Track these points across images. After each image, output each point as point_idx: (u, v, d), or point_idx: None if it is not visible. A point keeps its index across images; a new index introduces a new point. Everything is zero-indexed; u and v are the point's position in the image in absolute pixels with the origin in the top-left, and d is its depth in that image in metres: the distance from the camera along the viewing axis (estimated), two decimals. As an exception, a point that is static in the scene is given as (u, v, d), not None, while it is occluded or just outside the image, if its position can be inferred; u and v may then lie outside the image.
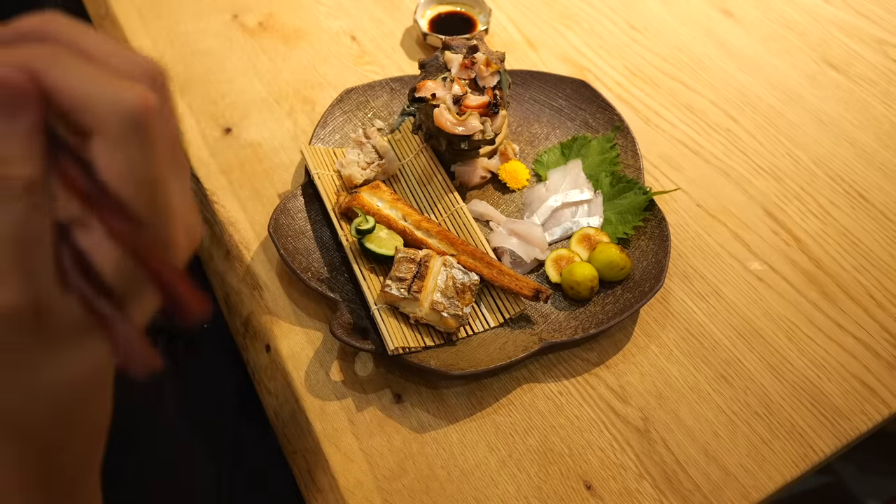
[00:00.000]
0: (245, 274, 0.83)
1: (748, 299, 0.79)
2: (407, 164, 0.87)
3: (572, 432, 0.70)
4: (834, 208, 0.88)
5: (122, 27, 1.06)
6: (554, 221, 0.84)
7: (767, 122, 0.97)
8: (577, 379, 0.74)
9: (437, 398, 0.72)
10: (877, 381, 0.74)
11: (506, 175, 0.88)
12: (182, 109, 0.97)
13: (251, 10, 1.10)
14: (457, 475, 0.68)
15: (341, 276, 0.79)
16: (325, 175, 0.85)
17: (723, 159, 0.93)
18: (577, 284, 0.76)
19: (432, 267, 0.74)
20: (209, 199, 0.88)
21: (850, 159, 0.93)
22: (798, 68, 1.04)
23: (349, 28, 1.09)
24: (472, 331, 0.75)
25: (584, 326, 0.74)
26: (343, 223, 0.81)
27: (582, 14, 1.12)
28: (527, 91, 0.95)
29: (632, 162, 0.88)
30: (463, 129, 0.79)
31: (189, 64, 1.02)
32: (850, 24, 1.10)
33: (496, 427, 0.71)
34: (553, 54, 1.06)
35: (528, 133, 0.93)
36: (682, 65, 1.05)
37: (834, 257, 0.83)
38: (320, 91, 1.00)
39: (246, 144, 0.93)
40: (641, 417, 0.71)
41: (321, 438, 0.70)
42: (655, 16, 1.12)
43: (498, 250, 0.80)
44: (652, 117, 0.97)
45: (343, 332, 0.71)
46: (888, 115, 0.98)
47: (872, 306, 0.79)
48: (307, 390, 0.73)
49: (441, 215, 0.83)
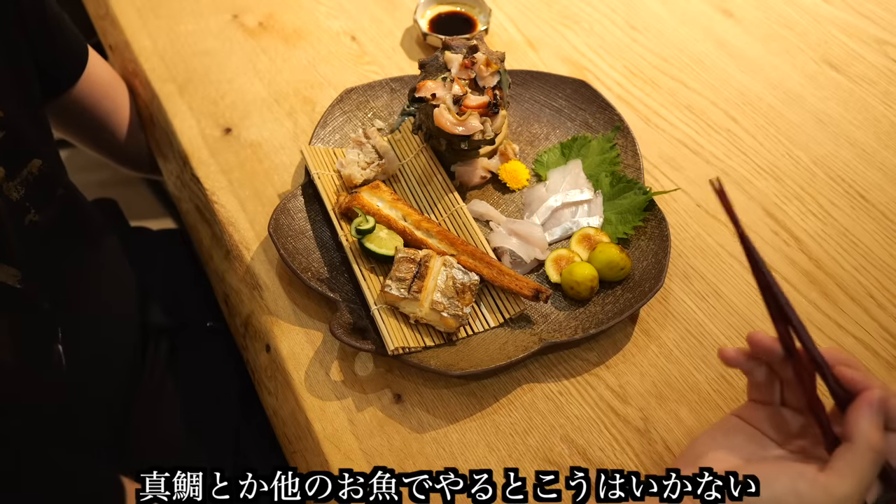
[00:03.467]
0: (245, 274, 0.83)
1: (748, 299, 0.79)
2: (407, 164, 0.87)
3: (572, 432, 0.70)
4: (834, 208, 0.88)
5: (122, 27, 1.06)
6: (554, 221, 0.84)
7: (767, 122, 0.97)
8: (577, 379, 0.74)
9: (437, 398, 0.72)
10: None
11: (506, 175, 0.88)
12: (182, 109, 0.97)
13: (251, 10, 1.10)
14: (457, 475, 0.68)
15: (341, 276, 0.79)
16: (325, 175, 0.85)
17: (723, 159, 0.93)
18: (577, 284, 0.76)
19: (432, 267, 0.74)
20: (209, 199, 0.88)
21: (850, 159, 0.93)
22: (798, 68, 1.04)
23: (349, 28, 1.09)
24: (472, 331, 0.75)
25: (584, 326, 0.74)
26: (343, 223, 0.81)
27: (582, 14, 1.12)
28: (527, 91, 0.95)
29: (632, 162, 0.88)
30: (463, 129, 0.79)
31: (189, 64, 1.02)
32: (850, 24, 1.10)
33: (496, 427, 0.71)
34: (553, 54, 1.06)
35: (528, 133, 0.93)
36: (682, 65, 1.05)
37: (834, 257, 0.83)
38: (320, 91, 1.00)
39: (246, 144, 0.93)
40: (641, 417, 0.71)
41: (321, 438, 0.70)
42: (655, 16, 1.12)
43: (498, 250, 0.80)
44: (652, 117, 0.97)
45: (343, 332, 0.71)
46: (888, 115, 0.98)
47: (872, 306, 0.79)
48: (307, 390, 0.73)
49: (441, 215, 0.83)
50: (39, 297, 0.70)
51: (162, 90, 0.99)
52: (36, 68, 0.78)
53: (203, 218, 0.90)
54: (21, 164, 0.68)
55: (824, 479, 0.52)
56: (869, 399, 0.53)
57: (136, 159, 1.07)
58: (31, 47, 0.77)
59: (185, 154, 0.93)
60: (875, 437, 0.52)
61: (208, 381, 0.92)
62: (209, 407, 0.90)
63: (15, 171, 0.68)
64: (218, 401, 0.90)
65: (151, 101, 1.00)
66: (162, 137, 0.99)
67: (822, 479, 0.52)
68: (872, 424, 0.53)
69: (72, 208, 0.79)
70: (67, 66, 0.90)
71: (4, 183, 0.66)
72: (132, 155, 1.07)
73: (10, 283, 0.65)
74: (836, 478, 0.52)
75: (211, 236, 0.89)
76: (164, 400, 0.89)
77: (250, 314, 0.81)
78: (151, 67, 1.01)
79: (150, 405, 0.87)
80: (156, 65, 1.02)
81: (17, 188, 0.68)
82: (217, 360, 0.93)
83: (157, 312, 0.95)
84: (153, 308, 0.95)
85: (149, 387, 0.88)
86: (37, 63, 0.78)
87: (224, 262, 0.86)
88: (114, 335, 0.85)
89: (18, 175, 0.68)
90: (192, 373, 0.92)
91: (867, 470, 0.52)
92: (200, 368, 0.93)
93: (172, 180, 0.99)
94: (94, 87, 0.95)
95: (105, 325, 0.83)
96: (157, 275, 0.99)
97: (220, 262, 0.87)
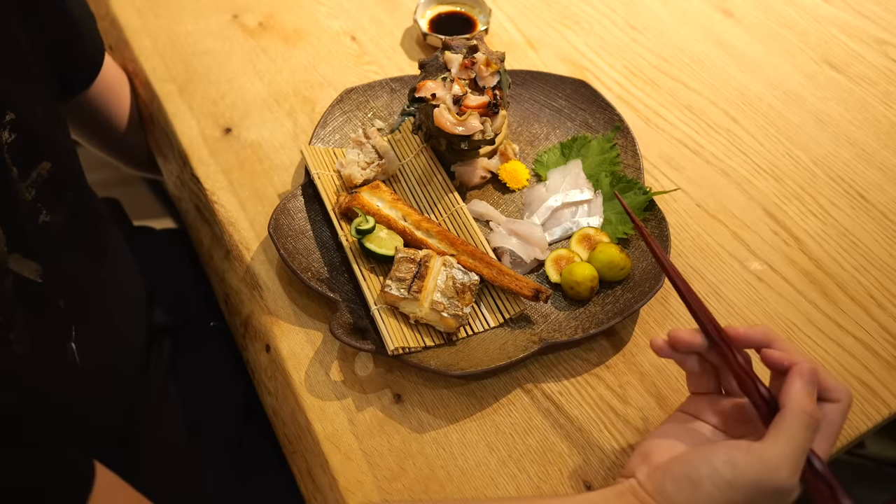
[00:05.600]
0: (245, 274, 0.83)
1: (748, 299, 0.79)
2: (407, 164, 0.87)
3: (572, 432, 0.70)
4: (834, 208, 0.88)
5: (122, 27, 1.06)
6: (554, 221, 0.84)
7: (767, 122, 0.97)
8: (577, 379, 0.74)
9: (437, 398, 0.72)
10: (877, 381, 0.74)
11: (506, 175, 0.88)
12: (182, 109, 0.97)
13: (251, 10, 1.10)
14: (457, 475, 0.68)
15: (341, 276, 0.79)
16: (325, 175, 0.85)
17: (723, 159, 0.93)
18: (577, 284, 0.76)
19: (432, 267, 0.74)
20: (209, 199, 0.88)
21: (850, 159, 0.93)
22: (798, 68, 1.04)
23: (349, 28, 1.09)
24: (472, 331, 0.75)
25: (584, 326, 0.74)
26: (343, 223, 0.81)
27: (582, 14, 1.12)
28: (527, 91, 0.95)
29: (632, 162, 0.88)
30: (463, 129, 0.79)
31: (189, 64, 1.02)
32: (850, 24, 1.10)
33: (496, 427, 0.71)
34: (553, 54, 1.06)
35: (528, 133, 0.93)
36: (682, 65, 1.05)
37: (834, 257, 0.83)
38: (320, 91, 1.00)
39: (246, 144, 0.93)
40: (641, 417, 0.71)
41: (321, 438, 0.70)
42: (655, 16, 1.12)
43: (498, 250, 0.80)
44: (652, 117, 0.97)
45: (343, 332, 0.72)
46: (888, 115, 0.98)
47: (872, 306, 0.79)
48: (307, 390, 0.73)
49: (441, 215, 0.83)
50: (56, 296, 0.70)
51: (162, 90, 0.99)
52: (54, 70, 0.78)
53: (203, 218, 0.90)
54: (31, 167, 0.69)
55: (758, 446, 0.54)
56: (800, 369, 0.56)
57: (140, 158, 1.08)
58: (51, 50, 0.77)
59: (185, 154, 0.93)
60: (805, 401, 0.54)
61: (211, 381, 0.92)
62: (212, 406, 0.90)
63: (26, 172, 0.68)
64: (220, 400, 0.90)
65: (151, 101, 1.00)
66: (162, 137, 0.99)
67: (756, 447, 0.54)
68: (804, 390, 0.55)
69: (82, 209, 0.79)
70: (85, 68, 0.90)
71: (18, 183, 0.67)
72: (139, 153, 1.07)
73: (32, 277, 0.66)
74: (768, 442, 0.53)
75: (211, 236, 0.89)
76: (167, 399, 0.89)
77: (250, 314, 0.81)
78: (151, 67, 1.01)
79: (154, 404, 0.87)
80: (156, 65, 1.02)
81: (29, 189, 0.68)
82: (219, 359, 0.93)
83: (160, 312, 0.95)
84: (157, 307, 0.95)
85: (153, 386, 0.88)
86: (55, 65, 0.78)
87: (224, 262, 0.86)
88: (122, 335, 0.85)
89: (29, 177, 0.68)
90: (194, 372, 0.92)
91: (799, 433, 0.53)
92: (203, 368, 0.93)
93: (172, 180, 0.99)
94: (107, 88, 0.95)
95: (114, 324, 0.83)
96: (161, 274, 0.99)
97: (220, 262, 0.87)
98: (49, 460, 0.54)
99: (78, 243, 0.78)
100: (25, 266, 0.65)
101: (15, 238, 0.64)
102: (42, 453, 0.54)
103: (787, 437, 0.53)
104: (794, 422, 0.53)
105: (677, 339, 0.60)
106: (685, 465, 0.55)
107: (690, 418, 0.62)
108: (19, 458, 0.53)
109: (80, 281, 0.77)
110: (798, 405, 0.54)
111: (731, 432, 0.60)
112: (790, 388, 0.55)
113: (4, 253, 0.63)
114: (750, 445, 0.54)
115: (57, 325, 0.71)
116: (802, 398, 0.54)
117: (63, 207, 0.73)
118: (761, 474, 0.52)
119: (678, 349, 0.60)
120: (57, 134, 0.77)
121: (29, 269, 0.66)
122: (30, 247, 0.66)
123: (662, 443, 0.60)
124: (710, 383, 0.63)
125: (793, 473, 0.53)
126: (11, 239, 0.63)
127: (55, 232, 0.72)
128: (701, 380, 0.63)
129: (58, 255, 0.72)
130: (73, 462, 0.56)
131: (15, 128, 0.66)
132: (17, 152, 0.66)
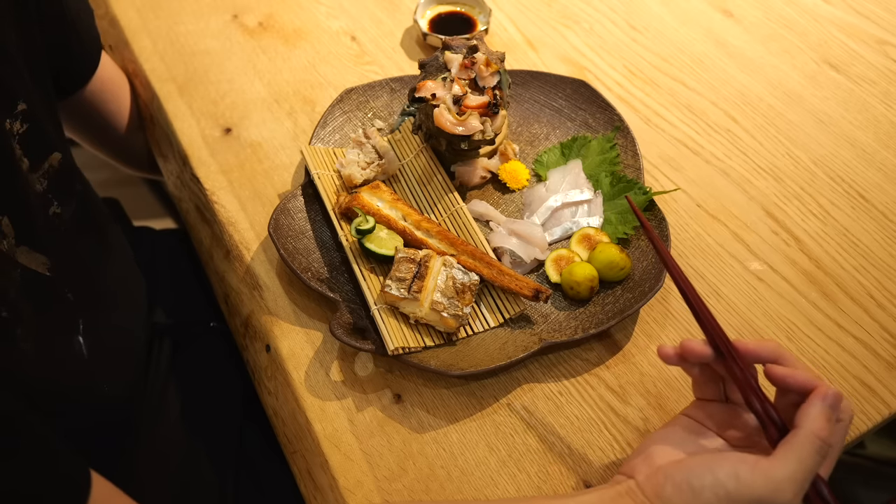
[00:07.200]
0: (245, 274, 0.83)
1: (748, 299, 0.79)
2: (407, 164, 0.87)
3: (572, 432, 0.70)
4: (834, 208, 0.88)
5: (122, 27, 1.06)
6: (554, 221, 0.84)
7: (767, 122, 0.97)
8: (577, 379, 0.74)
9: (437, 398, 0.72)
10: (877, 381, 0.74)
11: (506, 175, 0.88)
12: (182, 109, 0.97)
13: (251, 10, 1.10)
14: (457, 475, 0.68)
15: (341, 276, 0.79)
16: (325, 175, 0.85)
17: (723, 159, 0.93)
18: (577, 284, 0.76)
19: (432, 267, 0.74)
20: (209, 199, 0.88)
21: (850, 159, 0.93)
22: (798, 68, 1.04)
23: (349, 28, 1.09)
24: (472, 331, 0.75)
25: (584, 326, 0.74)
26: (343, 223, 0.81)
27: (582, 14, 1.12)
28: (527, 91, 0.95)
29: (632, 162, 0.88)
30: (463, 129, 0.79)
31: (189, 64, 1.02)
32: (850, 24, 1.10)
33: (496, 427, 0.71)
34: (553, 54, 1.06)
35: (528, 133, 0.93)
36: (682, 65, 1.05)
37: (834, 257, 0.83)
38: (320, 91, 1.00)
39: (246, 144, 0.93)
40: (641, 417, 0.71)
41: (321, 438, 0.70)
42: (655, 16, 1.12)
43: (498, 250, 0.80)
44: (652, 117, 0.97)
45: (343, 332, 0.71)
46: (888, 115, 0.98)
47: (872, 306, 0.79)
48: (307, 390, 0.73)
49: (441, 215, 0.83)
50: (64, 288, 0.70)
51: (162, 90, 0.99)
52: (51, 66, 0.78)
53: (203, 218, 0.90)
54: (42, 157, 0.69)
55: (765, 463, 0.53)
56: (824, 393, 0.55)
57: (139, 158, 1.07)
58: (49, 45, 0.77)
59: (185, 154, 0.93)
60: (821, 425, 0.53)
61: (211, 381, 0.92)
62: (212, 406, 0.90)
63: (37, 163, 0.68)
64: (220, 400, 0.90)
65: (151, 101, 1.00)
66: (162, 137, 0.99)
67: (764, 464, 0.53)
68: (822, 414, 0.54)
69: (87, 204, 0.79)
70: (82, 66, 0.90)
71: (29, 174, 0.67)
72: (136, 154, 1.07)
73: (40, 270, 0.66)
74: (776, 461, 0.53)
75: (211, 236, 0.89)
76: (167, 399, 0.89)
77: (250, 314, 0.81)
78: (151, 67, 1.01)
79: (155, 404, 0.87)
80: (156, 65, 1.02)
81: (40, 180, 0.68)
82: (219, 359, 0.93)
83: (160, 312, 0.95)
84: (157, 307, 0.95)
85: (153, 386, 0.88)
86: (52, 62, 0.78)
87: (224, 262, 0.86)
88: (126, 332, 0.85)
89: (40, 168, 0.68)
90: (194, 372, 0.92)
91: (809, 457, 0.53)
92: (203, 368, 0.93)
93: (172, 180, 0.99)
94: (104, 86, 0.95)
95: (119, 320, 0.83)
96: (161, 274, 0.99)
97: (220, 262, 0.87)
98: (45, 469, 0.54)
99: (86, 235, 0.78)
100: (33, 259, 0.65)
101: (24, 231, 0.64)
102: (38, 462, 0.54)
103: (796, 459, 0.52)
104: (807, 444, 0.53)
105: (690, 350, 0.59)
106: (688, 472, 0.55)
107: (695, 424, 0.62)
108: (15, 466, 0.52)
109: (88, 273, 0.77)
110: (814, 428, 0.53)
111: (734, 442, 0.60)
112: (810, 410, 0.54)
113: (13, 246, 0.63)
114: (757, 461, 0.53)
115: (65, 318, 0.71)
116: (820, 422, 0.53)
117: (72, 200, 0.73)
118: (764, 492, 0.52)
119: (689, 360, 0.60)
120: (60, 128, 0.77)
121: (37, 262, 0.66)
122: (38, 239, 0.66)
123: (665, 445, 0.59)
124: (715, 391, 0.62)
125: (796, 495, 0.52)
126: (20, 232, 0.63)
127: (65, 223, 0.72)
128: (706, 387, 0.62)
129: (67, 246, 0.72)
130: (69, 471, 0.56)
131: (27, 118, 0.66)
132: (29, 143, 0.67)
